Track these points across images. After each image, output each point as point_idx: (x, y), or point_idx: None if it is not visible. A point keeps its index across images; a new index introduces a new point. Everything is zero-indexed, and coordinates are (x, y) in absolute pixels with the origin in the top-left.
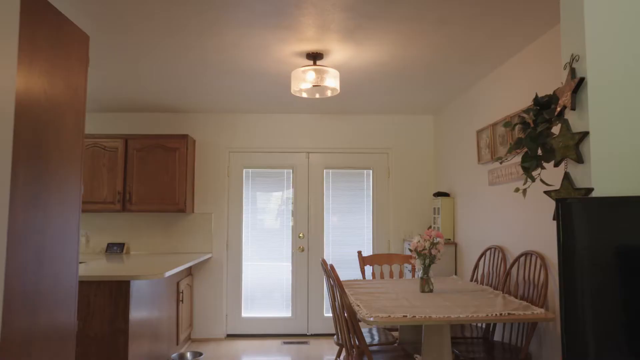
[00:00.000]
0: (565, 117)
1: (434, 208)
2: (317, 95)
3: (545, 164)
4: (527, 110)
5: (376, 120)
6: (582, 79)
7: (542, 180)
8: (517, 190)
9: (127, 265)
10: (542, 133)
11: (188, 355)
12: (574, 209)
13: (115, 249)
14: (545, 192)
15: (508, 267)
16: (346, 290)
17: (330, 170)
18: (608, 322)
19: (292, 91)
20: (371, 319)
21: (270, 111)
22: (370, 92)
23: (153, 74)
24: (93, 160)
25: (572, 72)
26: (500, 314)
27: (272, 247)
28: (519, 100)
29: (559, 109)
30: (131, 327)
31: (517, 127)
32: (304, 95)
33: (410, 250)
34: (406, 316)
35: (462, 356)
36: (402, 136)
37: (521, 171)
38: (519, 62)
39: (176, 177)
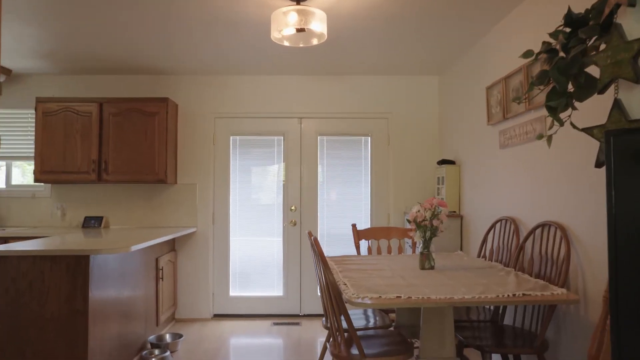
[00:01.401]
0: (617, 21)
1: (438, 177)
2: (302, 44)
3: (577, 104)
4: (554, 34)
5: (375, 82)
6: None
7: (572, 124)
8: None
9: (97, 239)
10: (575, 60)
11: (167, 337)
12: (635, 145)
13: (93, 222)
14: (584, 129)
15: (521, 240)
16: (336, 266)
17: (325, 137)
18: None
19: (272, 37)
20: (358, 300)
21: (258, 72)
22: (365, 45)
23: (125, 28)
24: (65, 126)
25: None
26: (513, 295)
27: (261, 220)
28: (536, 48)
29: (607, 10)
30: (92, 307)
31: (541, 57)
32: (286, 43)
33: (409, 221)
34: (400, 297)
35: (467, 342)
36: (404, 99)
37: (539, 128)
38: (534, 4)
39: (155, 144)
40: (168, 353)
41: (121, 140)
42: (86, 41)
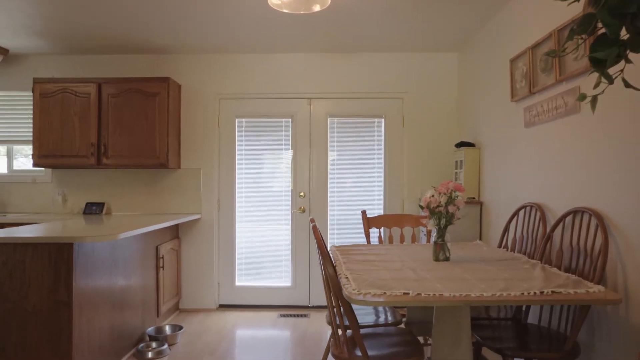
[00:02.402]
0: None
1: (456, 161)
2: (302, 11)
3: (631, 56)
4: None
5: (389, 60)
6: None
7: (624, 82)
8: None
9: (90, 226)
10: None
11: (166, 329)
12: None
13: (95, 209)
14: None
15: (549, 229)
16: (341, 257)
17: (336, 119)
18: None
19: (270, 3)
20: (359, 297)
21: (264, 50)
22: (372, 15)
23: (121, 2)
24: (62, 107)
25: None
26: (541, 293)
27: (269, 207)
28: (569, 11)
29: None
30: (77, 298)
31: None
32: (285, 10)
33: (421, 207)
34: (408, 294)
35: (486, 344)
36: (420, 78)
37: (571, 101)
38: None
39: (156, 126)
40: (166, 346)
41: (121, 122)
42: (81, 16)
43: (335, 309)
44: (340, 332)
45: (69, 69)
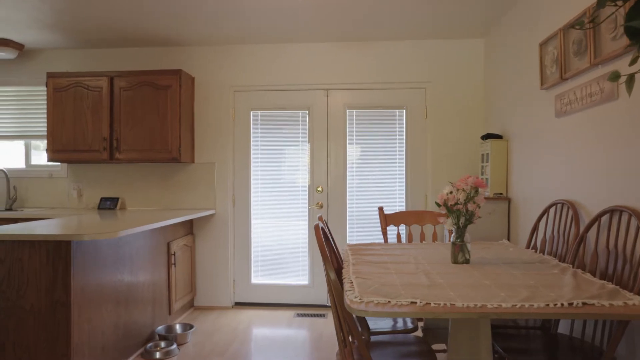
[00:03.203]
0: None
1: (482, 154)
2: None
3: None
4: None
5: (410, 48)
6: None
7: None
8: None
9: (95, 222)
10: None
11: (177, 328)
12: None
13: (109, 204)
14: None
15: (582, 229)
16: (351, 257)
17: (354, 111)
18: None
19: None
20: (361, 306)
21: (280, 40)
22: (395, 0)
23: None
24: (75, 102)
25: None
26: (569, 304)
27: (285, 203)
28: None
29: None
30: (76, 297)
31: None
32: None
33: (438, 204)
34: (415, 303)
35: (510, 357)
36: (444, 66)
37: (608, 87)
38: None
39: (168, 119)
40: (174, 346)
41: (133, 116)
42: (91, 9)
43: (340, 318)
44: (345, 341)
45: (81, 63)
